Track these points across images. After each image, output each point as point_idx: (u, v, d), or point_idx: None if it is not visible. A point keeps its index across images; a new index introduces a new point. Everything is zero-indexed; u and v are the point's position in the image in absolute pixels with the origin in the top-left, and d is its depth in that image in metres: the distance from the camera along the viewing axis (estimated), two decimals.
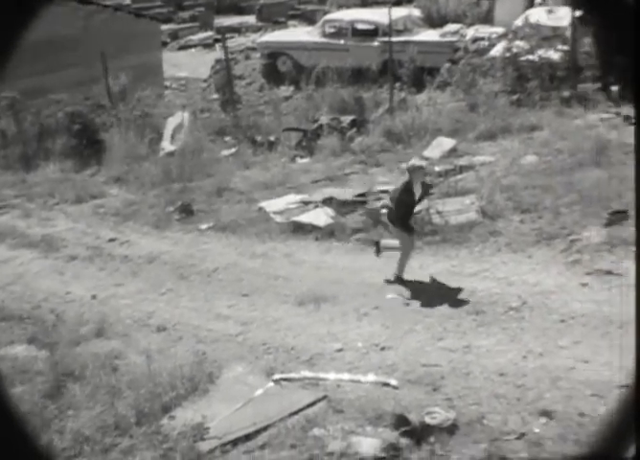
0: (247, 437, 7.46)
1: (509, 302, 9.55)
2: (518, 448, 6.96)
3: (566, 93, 17.23)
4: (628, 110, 16.05)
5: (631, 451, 2.19)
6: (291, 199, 13.43)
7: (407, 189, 10.29)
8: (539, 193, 12.23)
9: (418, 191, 10.37)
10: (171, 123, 18.08)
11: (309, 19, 29.84)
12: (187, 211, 13.74)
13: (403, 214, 10.39)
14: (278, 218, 12.84)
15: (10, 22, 2.26)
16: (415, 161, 10.89)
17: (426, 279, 10.44)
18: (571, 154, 13.78)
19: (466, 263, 10.58)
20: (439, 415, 7.33)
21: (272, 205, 13.32)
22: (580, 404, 7.49)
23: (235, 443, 7.39)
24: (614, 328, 8.77)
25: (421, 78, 18.77)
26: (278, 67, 23.33)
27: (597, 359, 8.19)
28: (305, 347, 9.16)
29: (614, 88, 16.97)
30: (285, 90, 20.83)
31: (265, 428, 7.55)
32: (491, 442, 7.05)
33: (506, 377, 8.05)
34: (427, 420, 7.28)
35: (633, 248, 10.51)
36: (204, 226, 13.24)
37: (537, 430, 7.19)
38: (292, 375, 8.51)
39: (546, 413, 7.40)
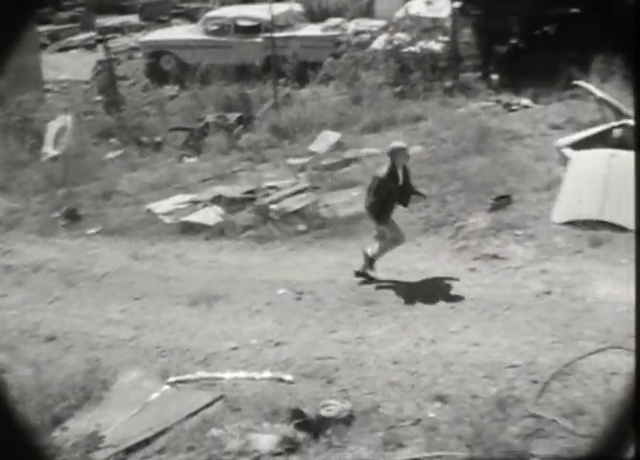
0: (145, 442, 7.35)
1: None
2: (414, 434, 7.06)
3: (449, 83, 17.59)
4: (508, 98, 16.53)
5: (631, 452, 2.22)
6: (180, 200, 13.30)
7: (390, 174, 9.65)
8: (426, 182, 12.40)
9: (401, 175, 9.74)
10: (53, 127, 17.63)
11: (192, 17, 29.47)
12: (73, 216, 13.42)
13: (382, 202, 9.71)
14: (167, 220, 12.69)
15: (9, 22, 2.18)
16: (395, 142, 10.16)
17: (317, 274, 10.49)
18: (455, 143, 14.08)
19: (355, 254, 10.65)
20: (335, 407, 7.37)
21: (161, 206, 13.16)
22: (472, 387, 7.66)
23: (132, 449, 7.27)
24: (501, 310, 9.03)
25: (304, 72, 18.84)
26: (162, 66, 23.02)
27: (486, 342, 8.41)
28: (199, 347, 9.08)
29: (494, 77, 17.42)
30: (170, 89, 20.52)
31: (163, 432, 7.46)
32: (387, 430, 7.13)
33: (399, 364, 8.16)
34: (323, 412, 7.31)
35: (518, 232, 10.84)
36: (92, 231, 12.96)
37: (432, 415, 7.31)
38: (188, 376, 8.42)
39: (440, 398, 7.54)
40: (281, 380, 8.13)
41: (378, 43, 19.28)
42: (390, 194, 9.70)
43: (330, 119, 16.29)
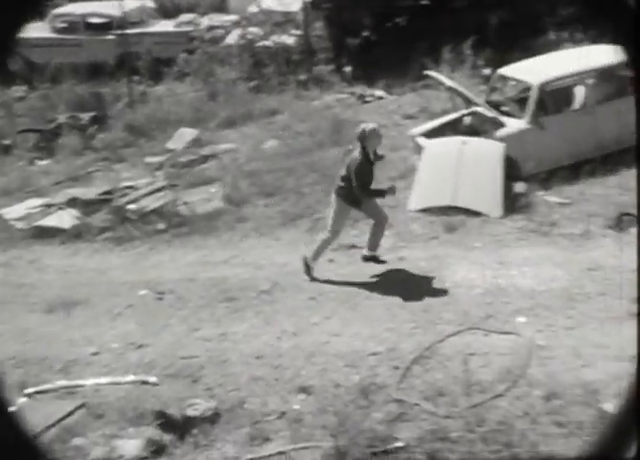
0: None
1: (260, 285, 9.70)
2: (279, 428, 7.10)
3: (303, 76, 17.71)
4: (362, 89, 16.79)
5: (632, 452, 2.23)
6: (32, 204, 12.85)
7: (364, 158, 9.27)
8: (282, 175, 12.48)
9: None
10: None
11: (40, 14, 28.56)
12: None
13: (365, 184, 9.33)
14: (19, 225, 12.24)
15: (9, 21, 2.06)
16: (365, 124, 9.57)
17: (177, 272, 10.37)
18: (310, 135, 14.18)
19: (215, 251, 10.60)
20: (200, 406, 7.33)
21: (12, 212, 12.68)
22: (334, 376, 7.76)
23: None
24: (361, 299, 9.17)
25: (158, 69, 18.56)
26: (7, 66, 22.17)
27: (347, 331, 8.52)
28: (58, 355, 8.81)
29: (347, 69, 17.63)
30: (18, 90, 19.79)
31: None
32: (253, 425, 7.15)
33: (263, 359, 8.18)
34: (189, 412, 7.26)
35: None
36: None
37: (296, 407, 7.37)
38: (47, 386, 8.16)
39: (304, 389, 7.61)
40: (145, 383, 7.99)
41: (232, 38, 19.19)
42: (366, 175, 9.33)
43: (186, 116, 16.13)
